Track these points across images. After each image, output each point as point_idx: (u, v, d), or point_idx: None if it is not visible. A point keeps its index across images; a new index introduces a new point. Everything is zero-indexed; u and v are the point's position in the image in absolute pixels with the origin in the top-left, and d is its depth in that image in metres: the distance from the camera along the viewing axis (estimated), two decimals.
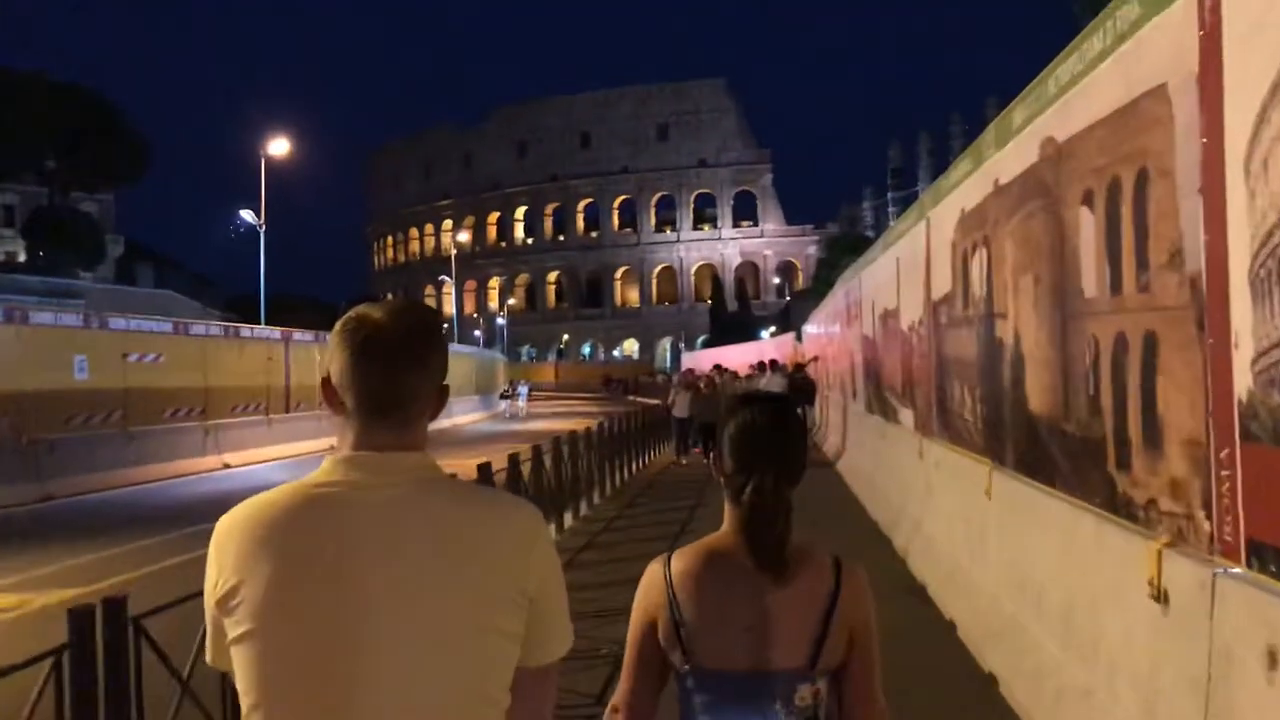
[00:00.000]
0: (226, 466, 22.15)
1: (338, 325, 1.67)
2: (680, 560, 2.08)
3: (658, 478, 18.88)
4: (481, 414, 42.01)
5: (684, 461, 20.56)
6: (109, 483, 18.15)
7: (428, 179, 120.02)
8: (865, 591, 2.08)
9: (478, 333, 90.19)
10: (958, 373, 7.85)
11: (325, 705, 1.52)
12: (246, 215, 31.22)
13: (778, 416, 2.14)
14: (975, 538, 7.05)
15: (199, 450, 21.68)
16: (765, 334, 61.05)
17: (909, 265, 10.13)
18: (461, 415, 40.85)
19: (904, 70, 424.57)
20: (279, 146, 30.42)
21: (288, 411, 26.60)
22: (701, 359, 51.73)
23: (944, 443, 8.50)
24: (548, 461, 12.42)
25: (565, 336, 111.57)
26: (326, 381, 1.66)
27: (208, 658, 1.68)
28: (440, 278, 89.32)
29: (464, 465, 10.79)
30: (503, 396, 42.27)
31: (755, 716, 1.98)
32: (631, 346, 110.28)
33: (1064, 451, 5.25)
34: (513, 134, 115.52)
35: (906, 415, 10.71)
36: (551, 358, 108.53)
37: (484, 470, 9.61)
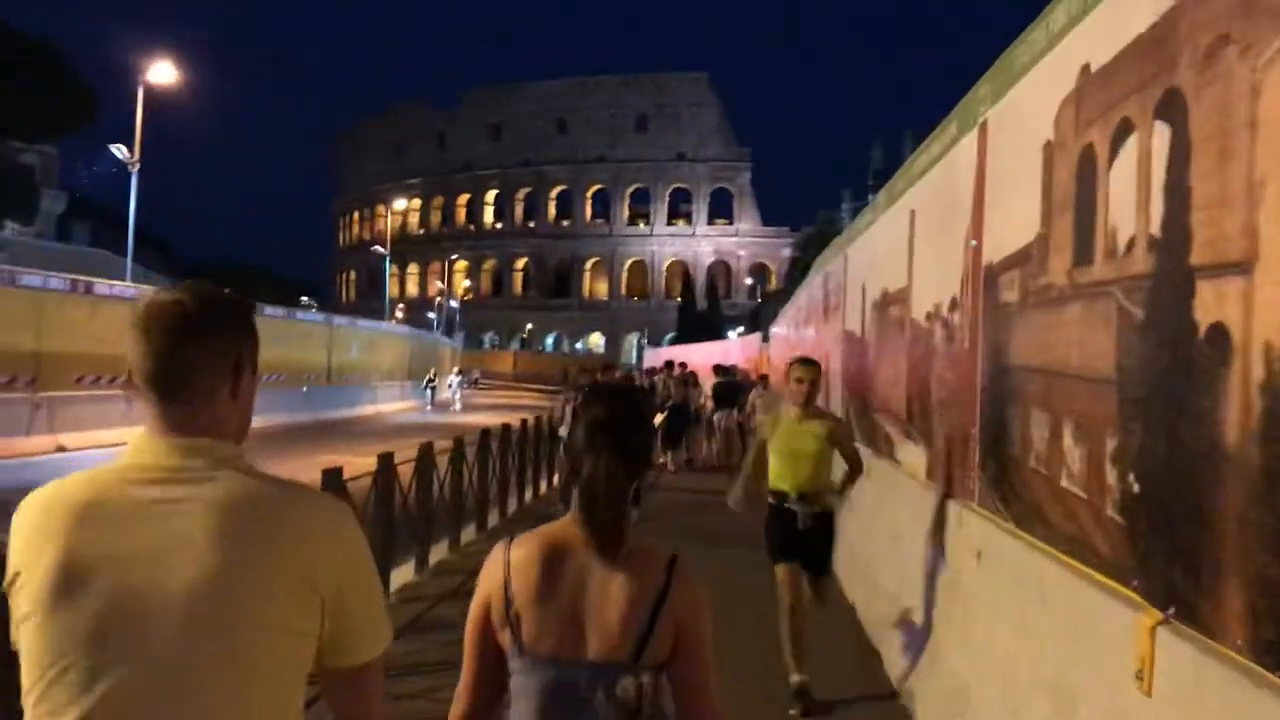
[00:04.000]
0: (61, 449, 18.14)
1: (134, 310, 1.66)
2: (520, 545, 2.15)
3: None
4: (411, 403, 37.92)
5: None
6: None
7: (398, 157, 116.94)
8: (697, 593, 2.13)
9: (431, 314, 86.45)
10: (1051, 396, 4.03)
11: (99, 694, 1.51)
12: (117, 150, 26.90)
13: (619, 408, 2.20)
14: None
15: (22, 428, 17.61)
16: (733, 334, 58.79)
17: (936, 214, 6.38)
18: (388, 403, 36.95)
19: (889, 70, 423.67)
20: (161, 72, 26.05)
21: None
22: (665, 356, 48.22)
23: (1004, 522, 4.72)
24: (442, 466, 10.44)
25: (529, 326, 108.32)
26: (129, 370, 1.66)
27: (11, 640, 1.62)
28: (401, 258, 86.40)
29: (347, 461, 8.91)
30: (427, 385, 38.22)
31: (576, 705, 2.01)
32: (597, 340, 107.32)
33: None
34: (488, 116, 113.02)
35: (913, 453, 6.95)
36: (515, 346, 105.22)
37: (331, 477, 7.09)
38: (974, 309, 5.26)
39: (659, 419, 18.20)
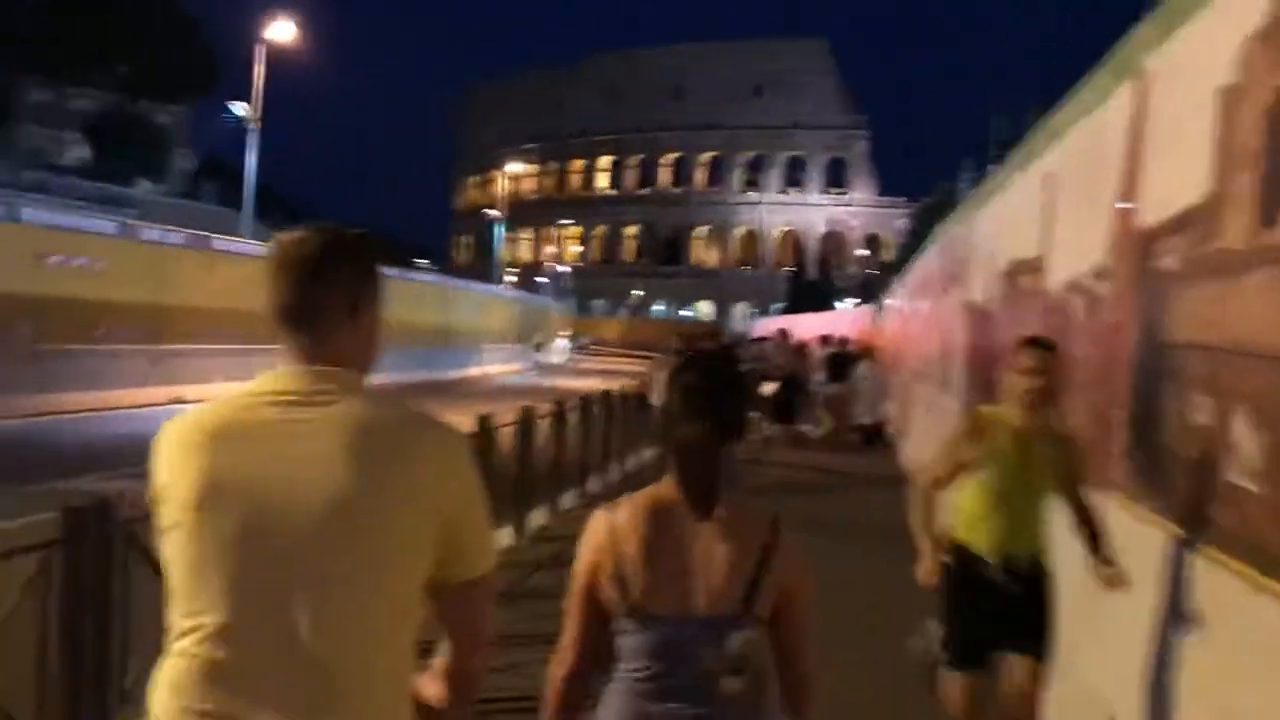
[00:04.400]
0: (179, 401, 18.50)
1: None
2: (622, 508, 2.21)
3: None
4: (518, 365, 38.12)
5: None
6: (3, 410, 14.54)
7: (515, 122, 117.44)
8: (801, 556, 2.19)
9: (542, 280, 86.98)
10: (1222, 378, 3.50)
11: (251, 590, 1.64)
12: (236, 106, 27.25)
13: (714, 374, 2.22)
14: None
15: (141, 379, 18.04)
16: (844, 305, 57.71)
17: (1079, 175, 5.81)
18: (495, 365, 37.19)
19: (1012, 38, 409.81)
20: (281, 30, 26.28)
21: (275, 341, 22.76)
22: (775, 326, 47.60)
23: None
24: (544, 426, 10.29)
25: (638, 292, 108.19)
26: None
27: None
28: (515, 223, 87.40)
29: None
30: (534, 349, 38.51)
31: (686, 661, 2.06)
32: (706, 308, 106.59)
33: None
34: (604, 81, 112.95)
35: None
36: (623, 313, 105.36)
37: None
38: (1125, 278, 4.73)
39: (770, 389, 17.67)
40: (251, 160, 28.05)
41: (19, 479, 10.23)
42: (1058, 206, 6.36)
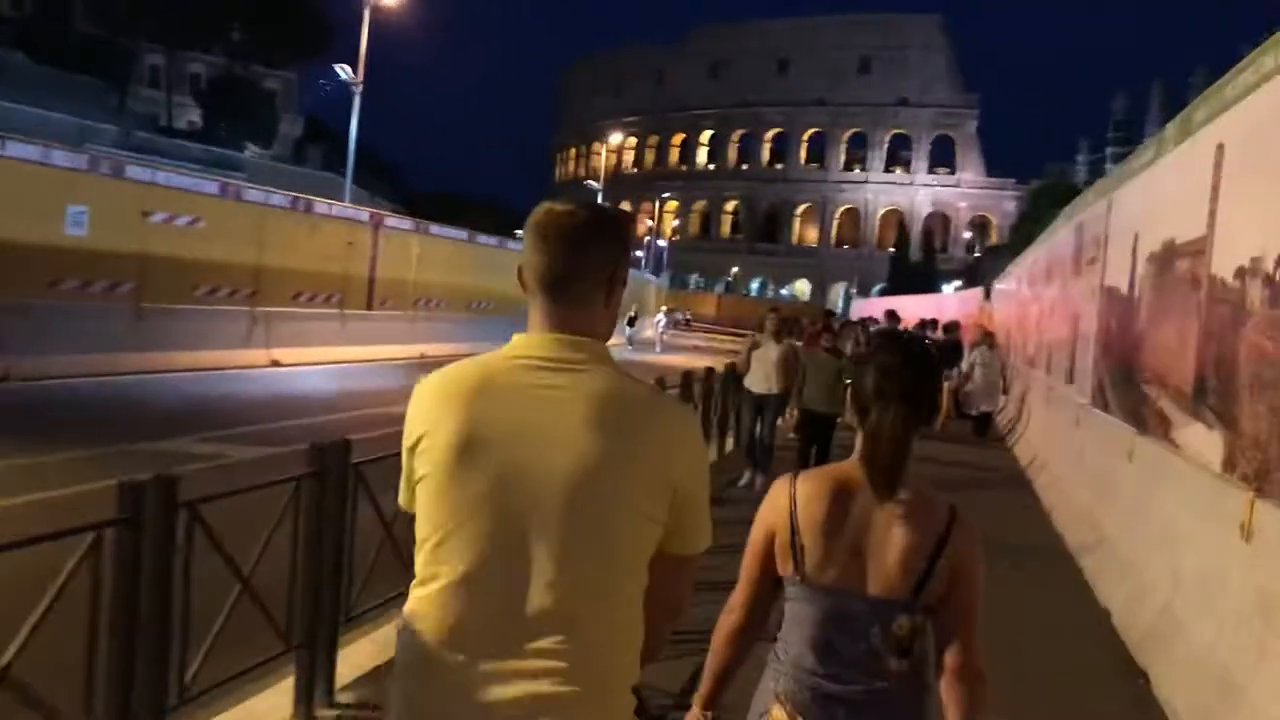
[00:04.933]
0: (275, 364, 18.52)
1: (530, 216, 1.87)
2: (806, 481, 2.23)
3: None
4: (615, 339, 37.70)
5: (741, 483, 10.75)
6: (104, 367, 14.57)
7: (618, 95, 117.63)
8: (975, 545, 2.17)
9: (639, 253, 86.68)
10: None
11: (499, 535, 1.73)
12: (341, 70, 27.16)
13: (909, 356, 2.22)
14: None
15: (241, 341, 17.99)
16: (949, 288, 56.18)
17: (1261, 146, 5.10)
18: None
19: (1139, 17, 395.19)
20: None
21: (369, 309, 22.66)
22: (874, 307, 46.44)
23: None
24: None
25: (735, 269, 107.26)
26: (520, 267, 1.89)
27: (400, 500, 1.89)
28: (614, 195, 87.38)
29: None
30: (629, 323, 37.92)
31: (852, 636, 2.11)
32: (803, 287, 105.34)
33: None
34: (708, 56, 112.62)
35: (1201, 438, 5.70)
36: (719, 289, 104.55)
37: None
38: None
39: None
40: (354, 124, 27.97)
41: (121, 437, 10.19)
42: (1233, 181, 5.64)
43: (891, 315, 19.26)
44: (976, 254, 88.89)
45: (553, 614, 1.70)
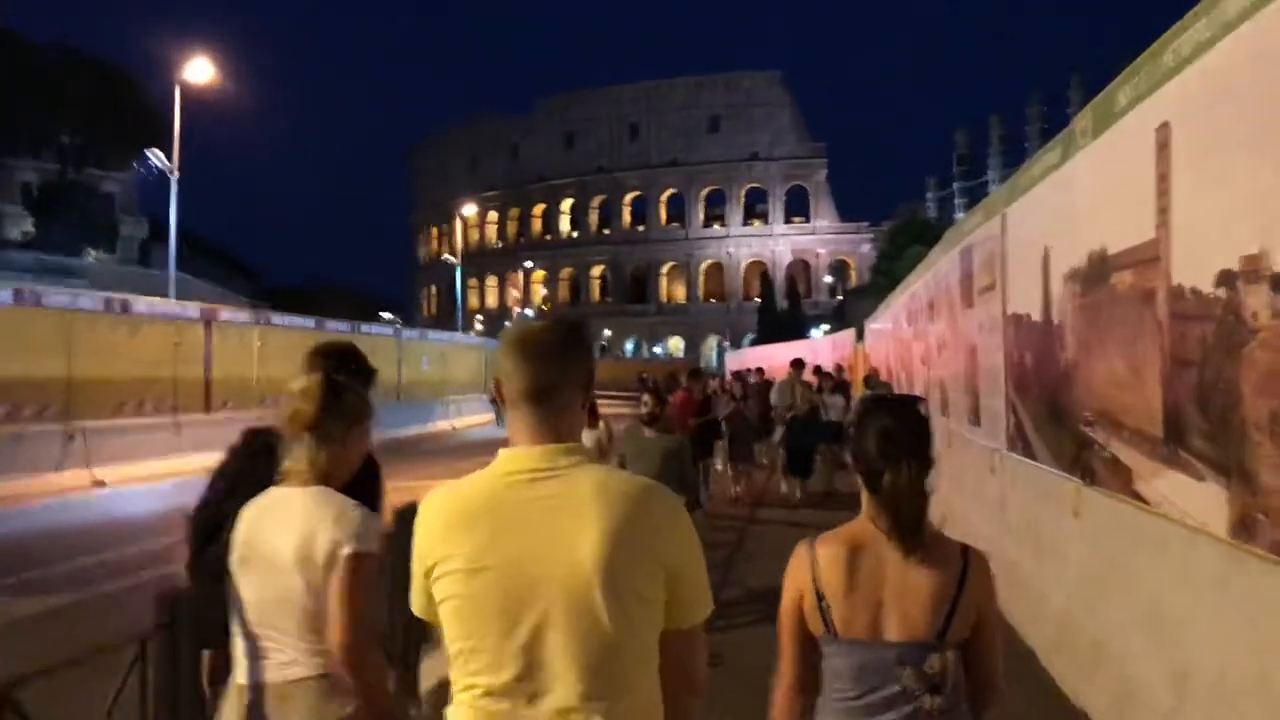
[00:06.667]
0: (99, 485, 16.43)
1: (502, 334, 2.10)
2: (824, 544, 2.35)
3: None
4: (489, 415, 35.89)
5: None
6: None
7: (473, 169, 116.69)
8: (990, 577, 2.30)
9: (508, 323, 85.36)
10: None
11: (517, 647, 1.88)
12: (154, 156, 25.22)
13: (908, 416, 2.34)
14: None
15: (55, 463, 15.92)
16: (817, 332, 56.29)
17: (1232, 119, 4.03)
18: (463, 417, 35.07)
19: (970, 55, 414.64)
20: (198, 70, 24.13)
21: (208, 411, 20.67)
22: (747, 358, 45.81)
23: None
24: None
25: (607, 332, 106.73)
26: (499, 381, 2.05)
27: (414, 609, 2.04)
28: (479, 270, 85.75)
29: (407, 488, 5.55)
30: (492, 401, 36.25)
31: (887, 680, 2.21)
32: (677, 344, 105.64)
33: None
34: (560, 124, 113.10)
35: (1189, 492, 4.49)
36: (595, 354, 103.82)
37: None
38: None
39: (778, 434, 15.70)
40: (173, 210, 25.86)
41: None
42: (1192, 166, 4.54)
43: (798, 364, 17.78)
44: (839, 297, 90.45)
45: (577, 710, 1.86)
